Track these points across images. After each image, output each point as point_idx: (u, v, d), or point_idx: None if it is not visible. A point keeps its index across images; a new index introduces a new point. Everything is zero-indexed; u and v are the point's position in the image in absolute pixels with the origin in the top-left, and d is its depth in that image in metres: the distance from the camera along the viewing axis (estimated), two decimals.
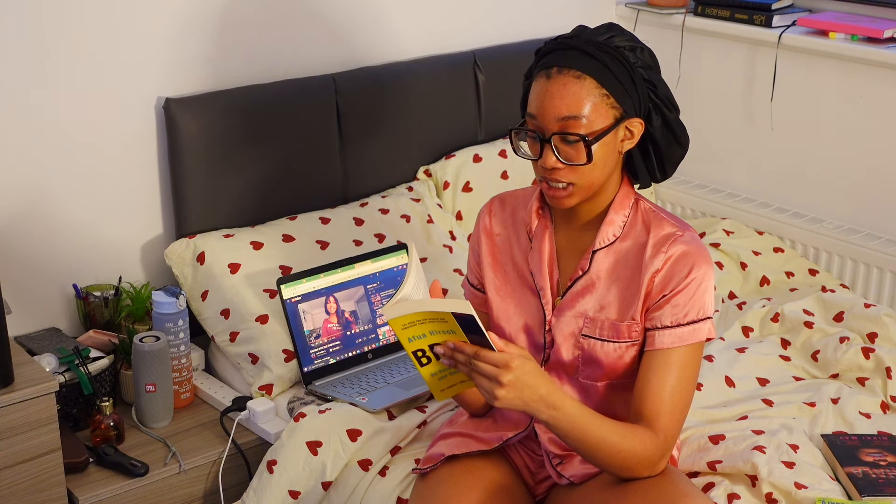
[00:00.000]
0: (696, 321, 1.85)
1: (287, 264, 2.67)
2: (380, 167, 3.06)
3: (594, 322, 1.91)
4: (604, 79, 1.81)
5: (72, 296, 2.68)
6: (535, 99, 1.83)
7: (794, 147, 3.26)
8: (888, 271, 2.97)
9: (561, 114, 1.79)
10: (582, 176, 1.82)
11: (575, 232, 1.95)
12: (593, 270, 1.91)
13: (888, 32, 3.00)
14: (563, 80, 1.80)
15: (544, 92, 1.81)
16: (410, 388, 2.42)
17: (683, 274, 1.84)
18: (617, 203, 1.91)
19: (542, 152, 1.82)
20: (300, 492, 2.25)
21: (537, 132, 1.82)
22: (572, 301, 1.93)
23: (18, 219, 2.57)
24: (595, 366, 1.92)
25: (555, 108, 1.79)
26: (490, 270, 2.02)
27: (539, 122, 1.81)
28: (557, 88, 1.80)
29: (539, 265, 1.94)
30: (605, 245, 1.90)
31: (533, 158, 1.85)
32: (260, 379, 2.51)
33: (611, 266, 1.90)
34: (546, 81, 1.81)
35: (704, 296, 1.86)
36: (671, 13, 3.47)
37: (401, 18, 3.14)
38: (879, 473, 2.15)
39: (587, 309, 1.91)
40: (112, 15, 2.60)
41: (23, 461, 2.20)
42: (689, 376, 1.87)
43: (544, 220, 1.96)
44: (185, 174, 2.71)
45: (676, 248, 1.85)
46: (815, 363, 2.64)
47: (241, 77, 2.82)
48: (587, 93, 1.80)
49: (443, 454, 2.02)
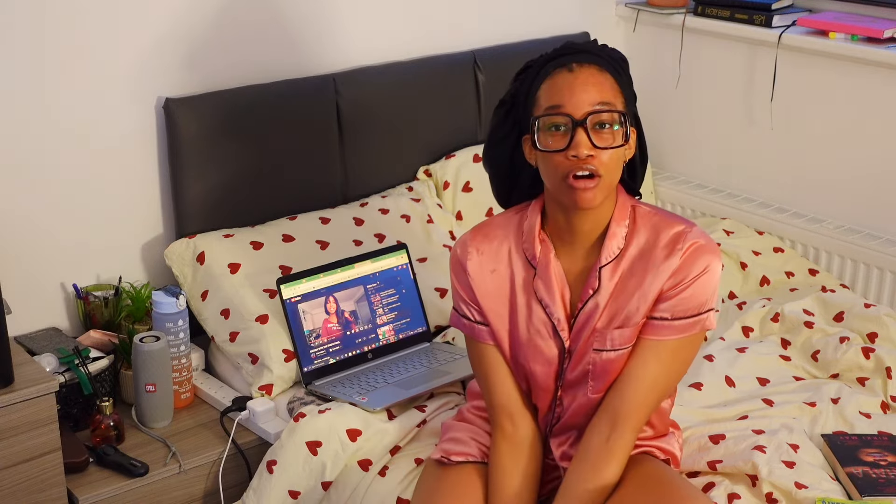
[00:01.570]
0: (699, 313, 1.87)
1: (287, 264, 2.67)
2: (380, 167, 3.06)
3: (603, 335, 1.89)
4: (618, 79, 1.85)
5: (72, 296, 2.68)
6: (559, 91, 1.80)
7: (794, 147, 3.26)
8: (888, 271, 2.97)
9: (594, 99, 1.78)
10: (609, 169, 1.80)
11: (578, 252, 1.92)
12: (603, 287, 1.89)
13: (888, 32, 3.00)
14: (588, 71, 1.80)
15: (572, 82, 1.80)
16: (410, 387, 2.42)
17: (699, 268, 1.85)
18: (617, 215, 1.90)
19: (570, 142, 1.78)
20: (300, 492, 2.25)
21: (570, 116, 1.78)
22: (586, 322, 1.91)
23: (19, 219, 2.57)
24: (604, 377, 1.91)
25: (587, 94, 1.79)
26: (495, 306, 1.96)
27: (568, 109, 1.78)
28: (585, 78, 1.80)
29: (550, 292, 1.91)
30: (611, 260, 1.89)
31: (558, 150, 1.80)
32: (260, 379, 2.51)
33: (616, 278, 1.89)
34: (570, 74, 1.81)
35: (709, 288, 1.87)
36: (671, 13, 3.47)
37: (401, 18, 3.14)
38: (879, 473, 2.15)
39: (597, 324, 1.90)
40: (112, 15, 2.60)
41: (23, 461, 2.20)
42: (678, 367, 1.90)
43: (546, 245, 1.92)
44: (185, 174, 2.71)
45: (690, 244, 1.86)
46: (816, 363, 2.64)
47: (241, 77, 2.82)
48: (611, 85, 1.82)
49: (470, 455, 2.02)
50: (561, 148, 1.79)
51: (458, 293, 2.01)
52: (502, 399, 1.98)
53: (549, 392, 1.96)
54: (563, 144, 1.79)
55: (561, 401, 1.96)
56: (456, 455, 2.02)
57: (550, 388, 1.96)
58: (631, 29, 3.61)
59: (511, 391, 1.98)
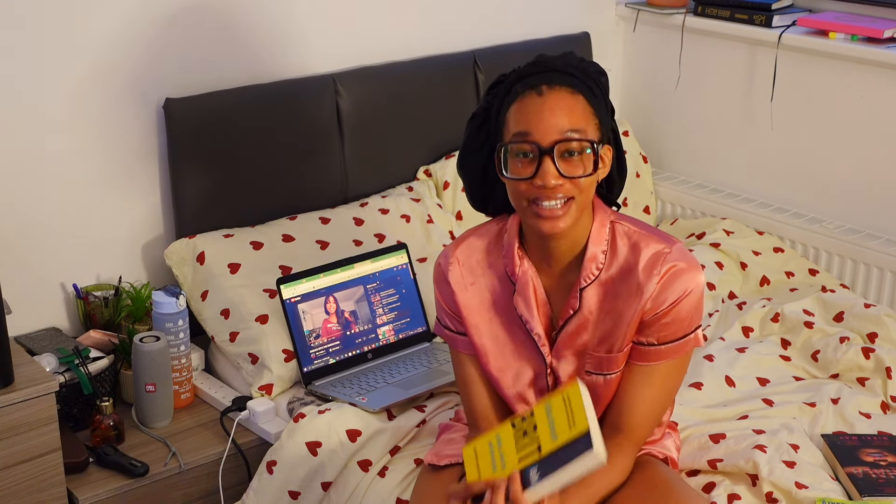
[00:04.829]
0: (686, 335, 1.85)
1: (287, 264, 2.67)
2: (380, 167, 3.06)
3: (596, 359, 1.88)
4: (591, 99, 1.79)
5: (72, 296, 2.68)
6: (527, 116, 1.75)
7: (794, 147, 3.26)
8: (888, 271, 2.97)
9: (563, 127, 1.73)
10: (582, 190, 1.77)
11: (556, 270, 1.89)
12: (584, 307, 1.86)
13: (888, 32, 3.00)
14: (558, 94, 1.75)
15: (540, 107, 1.74)
16: (410, 388, 2.42)
17: (678, 293, 1.81)
18: (594, 235, 1.85)
19: (537, 170, 1.74)
20: (300, 492, 2.25)
21: (537, 144, 1.74)
22: (569, 340, 1.89)
23: (19, 219, 2.57)
24: (597, 400, 1.88)
25: (556, 120, 1.73)
26: (475, 320, 1.94)
27: (535, 137, 1.74)
28: (555, 102, 1.74)
29: (529, 309, 1.88)
30: (591, 281, 1.86)
31: (524, 178, 1.75)
32: (260, 379, 2.51)
33: (601, 298, 1.86)
34: (539, 98, 1.75)
35: (692, 310, 1.84)
36: (671, 13, 3.47)
37: (400, 18, 3.13)
38: (879, 473, 2.15)
39: (586, 346, 1.89)
40: (112, 15, 2.60)
41: (23, 461, 2.20)
42: (672, 386, 1.89)
43: (526, 261, 1.89)
44: (186, 174, 2.71)
45: (668, 267, 1.81)
46: (816, 363, 2.64)
47: (241, 77, 2.82)
48: (582, 108, 1.77)
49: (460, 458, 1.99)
50: (527, 176, 1.75)
51: (439, 304, 2.00)
52: (479, 408, 1.98)
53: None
54: (529, 172, 1.75)
55: None
56: (446, 458, 2.02)
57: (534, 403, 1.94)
58: (631, 29, 3.61)
59: (486, 402, 1.98)
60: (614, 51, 3.63)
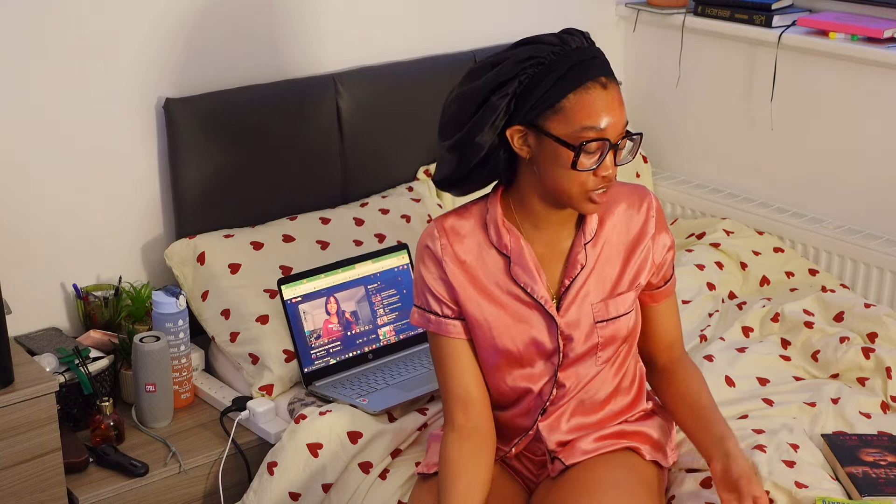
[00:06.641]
0: (672, 275, 2.06)
1: (287, 264, 2.67)
2: (380, 167, 3.06)
3: (605, 305, 1.95)
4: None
5: (72, 296, 2.68)
6: (597, 110, 1.80)
7: (794, 147, 3.26)
8: (888, 271, 2.97)
9: (623, 120, 1.84)
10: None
11: (549, 237, 1.95)
12: (589, 262, 1.95)
13: (888, 32, 3.00)
14: (614, 87, 1.83)
15: (610, 102, 1.81)
16: (411, 389, 2.42)
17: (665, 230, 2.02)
18: None
19: (601, 161, 1.82)
20: (300, 493, 2.25)
21: (608, 140, 1.81)
22: (576, 298, 1.94)
23: (18, 219, 2.57)
24: (612, 343, 1.97)
25: (621, 115, 1.83)
26: (473, 296, 1.95)
27: (607, 133, 1.81)
28: (616, 95, 1.83)
29: (531, 276, 1.93)
30: (594, 236, 1.95)
31: (590, 169, 1.81)
32: (260, 379, 2.51)
33: (601, 249, 1.96)
34: (604, 91, 1.81)
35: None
36: (671, 13, 3.47)
37: (401, 18, 3.14)
38: (879, 473, 2.15)
39: (593, 298, 1.95)
40: (112, 15, 2.60)
41: (23, 461, 2.20)
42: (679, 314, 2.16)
43: (514, 233, 1.94)
44: (186, 174, 2.71)
45: (654, 206, 2.00)
46: (816, 363, 2.64)
47: (241, 77, 2.82)
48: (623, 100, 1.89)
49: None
50: (592, 167, 1.82)
51: (426, 288, 1.98)
52: (458, 390, 1.97)
53: (545, 373, 1.97)
54: (594, 163, 1.82)
55: (559, 378, 1.96)
56: (435, 467, 2.01)
57: (545, 369, 1.97)
58: (631, 29, 3.61)
59: (470, 384, 1.97)
60: (614, 51, 3.63)
